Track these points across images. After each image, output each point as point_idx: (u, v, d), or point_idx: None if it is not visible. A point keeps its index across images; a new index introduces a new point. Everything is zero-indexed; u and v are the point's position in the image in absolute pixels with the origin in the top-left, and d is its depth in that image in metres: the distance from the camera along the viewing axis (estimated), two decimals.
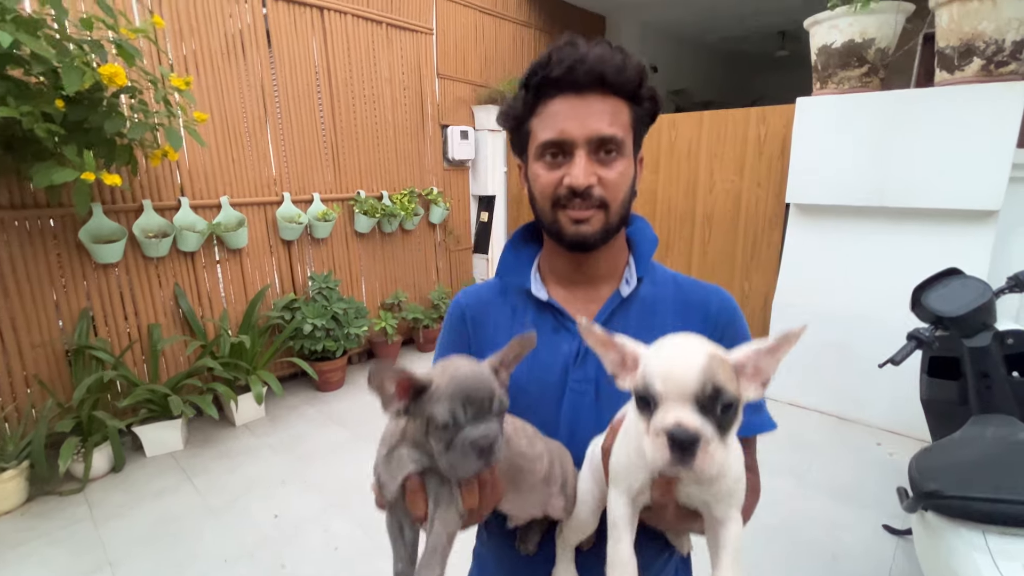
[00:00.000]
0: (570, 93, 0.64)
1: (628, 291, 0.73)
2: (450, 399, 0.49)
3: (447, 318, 0.83)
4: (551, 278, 0.77)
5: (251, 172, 3.10)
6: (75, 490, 2.36)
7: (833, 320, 2.82)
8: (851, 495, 2.27)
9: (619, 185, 0.67)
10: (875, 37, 2.49)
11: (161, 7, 2.64)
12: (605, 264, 0.74)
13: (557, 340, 0.73)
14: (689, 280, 0.78)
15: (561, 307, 0.73)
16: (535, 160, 0.68)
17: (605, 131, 0.64)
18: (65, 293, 2.52)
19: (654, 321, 0.73)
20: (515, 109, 0.69)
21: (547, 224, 0.70)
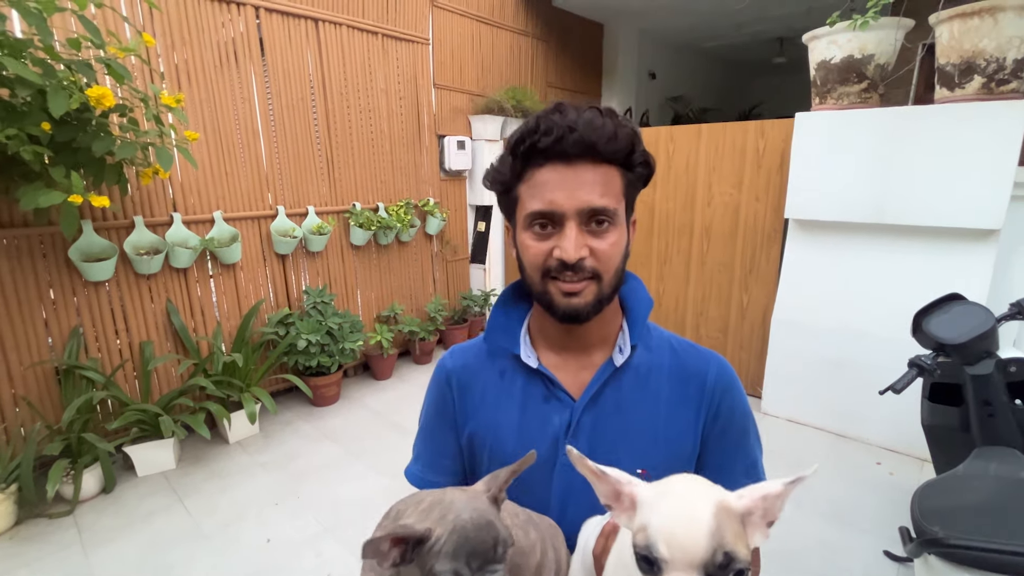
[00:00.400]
0: (558, 162, 0.62)
1: (621, 360, 0.70)
2: (453, 555, 0.46)
3: (432, 380, 0.80)
4: (542, 342, 0.75)
5: (245, 186, 3.07)
6: (64, 512, 2.33)
7: (832, 336, 2.80)
8: (850, 518, 2.25)
9: (612, 256, 0.64)
10: (874, 53, 2.46)
11: (152, 21, 2.61)
12: (598, 331, 0.72)
13: (547, 411, 0.70)
14: (685, 344, 0.76)
15: (552, 375, 0.70)
16: (524, 229, 0.66)
17: (596, 203, 0.61)
18: (55, 311, 2.49)
19: (648, 390, 0.70)
20: (502, 175, 0.67)
21: (537, 294, 0.68)
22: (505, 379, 0.74)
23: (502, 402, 0.72)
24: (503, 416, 0.72)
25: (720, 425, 0.71)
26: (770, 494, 0.47)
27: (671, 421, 0.69)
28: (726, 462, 0.72)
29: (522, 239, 0.66)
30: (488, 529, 0.48)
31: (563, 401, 0.70)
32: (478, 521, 0.48)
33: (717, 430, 0.71)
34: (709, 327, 3.47)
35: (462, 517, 0.48)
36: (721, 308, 3.40)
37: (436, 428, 0.79)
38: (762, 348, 3.18)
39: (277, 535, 2.21)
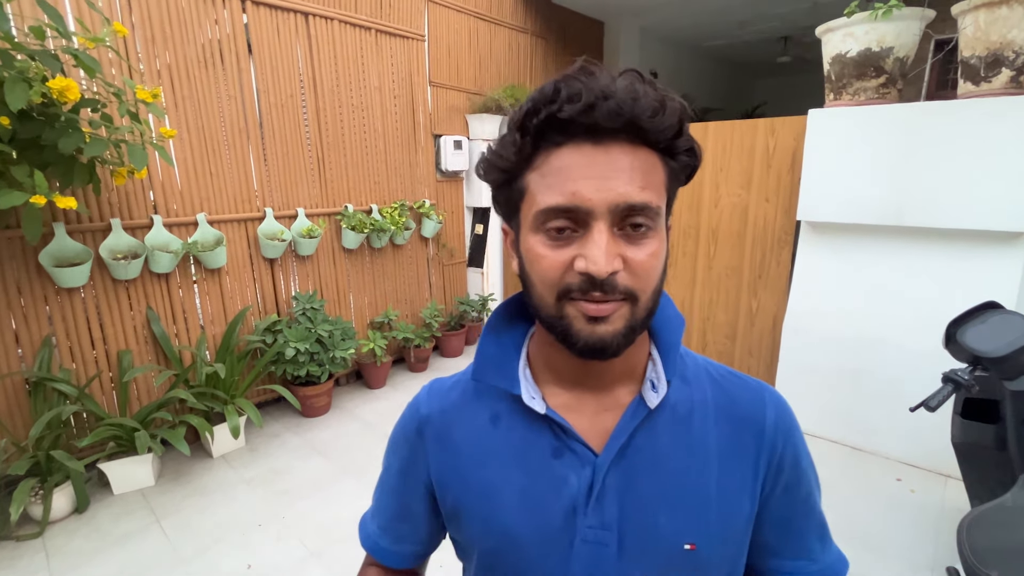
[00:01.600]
0: (585, 141, 0.45)
1: (656, 400, 0.53)
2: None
3: (399, 427, 0.64)
4: (548, 377, 0.57)
5: (231, 187, 2.92)
6: (34, 535, 2.18)
7: (848, 345, 2.66)
8: (870, 540, 2.10)
9: (651, 270, 0.47)
10: (894, 46, 2.33)
11: (132, 15, 2.47)
12: (622, 362, 0.54)
13: (560, 468, 0.53)
14: (727, 373, 0.60)
15: (565, 422, 0.53)
16: (532, 231, 0.48)
17: (635, 198, 0.45)
18: (25, 320, 2.34)
19: (692, 437, 0.54)
20: (504, 158, 0.49)
21: (549, 320, 0.50)
22: (500, 427, 0.57)
23: (498, 458, 0.56)
24: (499, 477, 0.55)
25: (786, 478, 0.56)
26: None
27: (725, 477, 0.54)
28: (794, 524, 0.57)
29: (530, 246, 0.49)
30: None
31: (580, 455, 0.53)
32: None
33: (782, 484, 0.56)
34: (716, 333, 3.33)
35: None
36: (729, 314, 3.26)
37: (396, 488, 0.64)
38: (772, 356, 3.04)
39: (259, 560, 2.06)
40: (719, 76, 7.53)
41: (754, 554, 0.59)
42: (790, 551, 0.58)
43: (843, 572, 0.59)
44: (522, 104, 0.47)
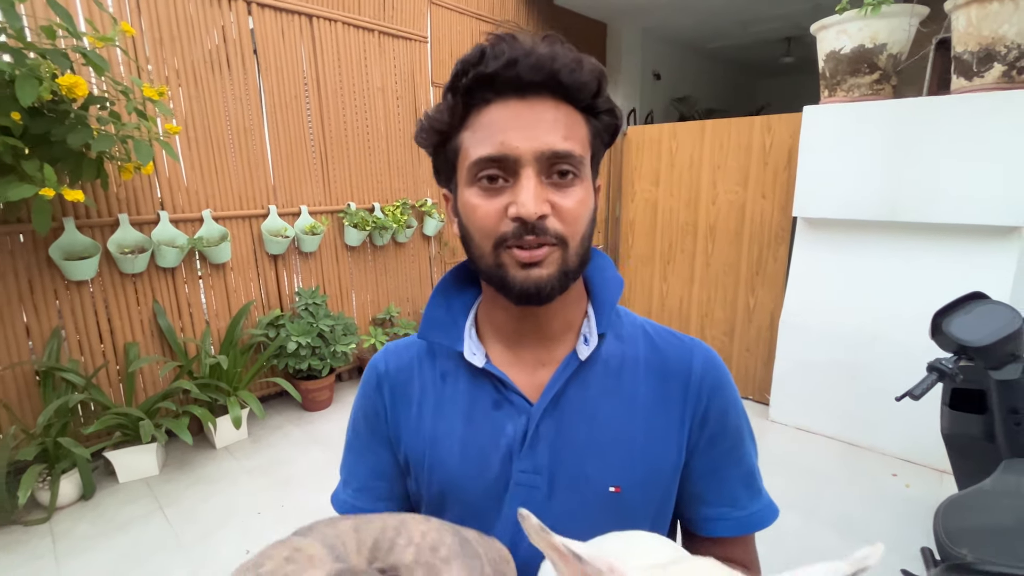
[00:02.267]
0: (511, 96, 0.49)
1: (587, 352, 0.57)
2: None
3: (361, 386, 0.68)
4: (491, 335, 0.61)
5: (236, 184, 2.99)
6: (41, 520, 2.24)
7: (843, 340, 2.67)
8: (865, 534, 2.11)
9: (579, 216, 0.51)
10: (887, 42, 2.35)
11: (140, 18, 2.55)
12: (558, 318, 0.59)
13: (499, 418, 0.58)
14: (664, 332, 0.63)
15: (503, 375, 0.58)
16: (467, 185, 0.52)
17: (559, 145, 0.49)
18: (35, 312, 2.41)
19: (621, 389, 0.58)
20: (438, 120, 0.53)
21: (487, 270, 0.53)
22: (448, 383, 0.61)
23: (444, 410, 0.60)
24: (444, 427, 0.59)
25: (710, 429, 0.59)
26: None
27: (651, 426, 0.58)
28: (719, 473, 0.60)
29: (466, 199, 0.53)
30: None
31: (517, 406, 0.57)
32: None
33: (707, 436, 0.59)
34: (714, 330, 3.35)
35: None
36: (727, 310, 3.28)
37: (367, 445, 0.66)
38: (769, 352, 3.05)
39: (258, 546, 2.09)
40: (722, 77, 7.53)
41: (684, 503, 0.62)
42: (715, 499, 0.60)
43: (768, 520, 0.61)
44: (454, 67, 0.51)
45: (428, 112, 0.55)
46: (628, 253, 3.71)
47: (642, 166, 3.53)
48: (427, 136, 0.56)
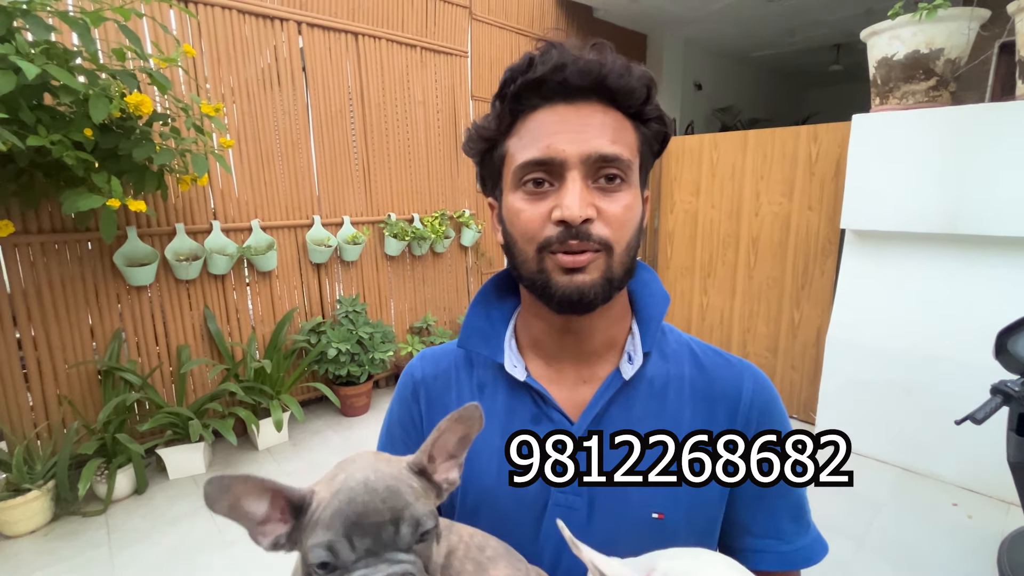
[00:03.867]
0: (559, 102, 0.50)
1: (631, 372, 0.56)
2: (329, 525, 0.34)
3: (397, 391, 0.68)
4: (531, 349, 0.60)
5: (282, 196, 3.12)
6: (98, 512, 2.37)
7: (897, 359, 2.53)
8: (923, 567, 1.97)
9: (625, 222, 0.50)
10: (944, 47, 2.24)
11: (201, 37, 2.71)
12: (601, 332, 0.57)
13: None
14: (711, 352, 0.61)
15: (544, 390, 0.56)
16: (512, 190, 0.53)
17: (607, 149, 0.48)
18: (99, 315, 2.57)
19: (665, 408, 0.56)
20: (485, 128, 0.54)
21: (529, 276, 0.53)
22: (486, 394, 0.60)
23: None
24: (481, 441, 0.57)
25: None
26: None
27: None
28: (766, 502, 0.57)
29: (510, 204, 0.52)
30: (386, 497, 0.35)
31: (557, 423, 0.56)
32: (373, 485, 0.35)
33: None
34: (757, 345, 3.24)
35: (354, 477, 0.35)
36: (770, 325, 3.17)
37: (400, 452, 0.67)
38: (815, 370, 2.92)
39: None
40: (767, 87, 7.35)
41: (729, 532, 0.59)
42: (761, 530, 0.58)
43: (816, 556, 0.57)
44: (502, 76, 0.52)
45: (476, 121, 0.56)
46: (667, 264, 3.65)
47: (682, 176, 3.47)
48: (474, 144, 0.57)
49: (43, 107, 1.88)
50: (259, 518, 0.37)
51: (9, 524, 2.20)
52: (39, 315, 2.40)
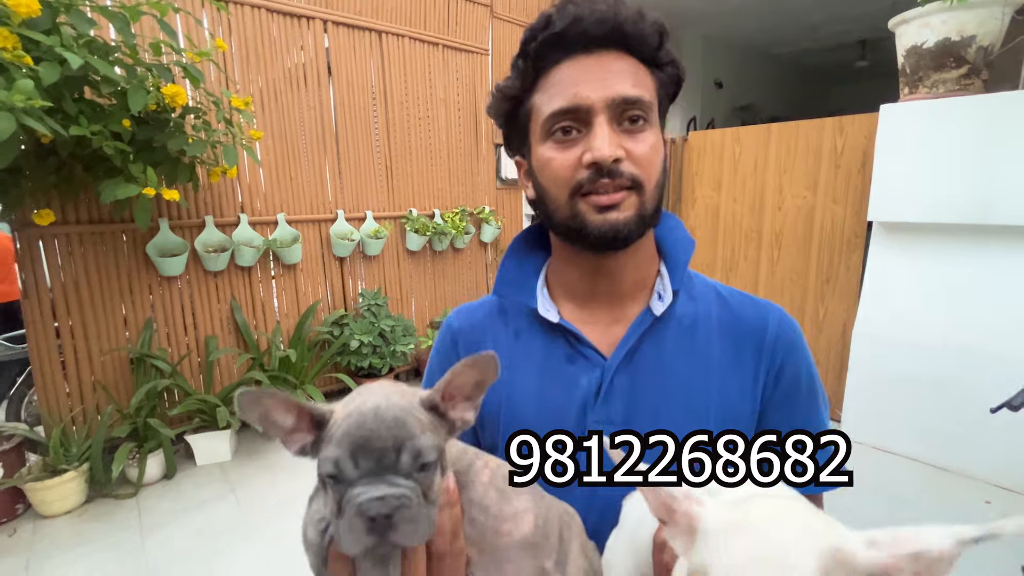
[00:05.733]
0: (579, 53, 0.52)
1: (661, 308, 0.58)
2: (338, 443, 0.36)
3: (436, 343, 0.70)
4: (563, 294, 0.63)
5: (307, 190, 3.18)
6: (129, 495, 2.43)
7: (928, 353, 2.47)
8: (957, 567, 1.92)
9: (652, 161, 0.53)
10: (976, 34, 2.20)
11: (231, 35, 2.79)
12: (630, 274, 0.60)
13: (574, 372, 0.59)
14: (736, 294, 0.63)
15: (577, 330, 0.59)
16: (541, 142, 0.55)
17: (629, 92, 0.51)
18: (132, 304, 2.65)
19: (695, 346, 0.58)
20: (510, 87, 0.57)
21: (563, 221, 0.56)
22: (521, 340, 0.62)
23: (518, 366, 0.61)
24: (519, 382, 0.60)
25: (784, 387, 0.58)
26: (928, 553, 0.28)
27: (724, 384, 0.57)
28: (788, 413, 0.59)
29: (540, 155, 0.55)
30: (392, 426, 0.37)
31: (591, 360, 0.58)
32: (383, 414, 0.37)
33: (780, 393, 0.58)
34: None
35: (367, 403, 0.38)
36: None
37: None
38: (841, 366, 2.87)
39: None
40: (789, 84, 7.26)
41: None
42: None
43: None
44: (523, 36, 0.54)
45: (498, 84, 0.59)
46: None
47: (703, 171, 3.45)
48: (498, 105, 0.59)
49: (83, 100, 1.96)
50: (287, 428, 0.40)
51: (45, 504, 2.28)
52: (76, 304, 2.48)
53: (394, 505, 0.35)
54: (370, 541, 0.35)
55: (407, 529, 0.36)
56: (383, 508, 0.35)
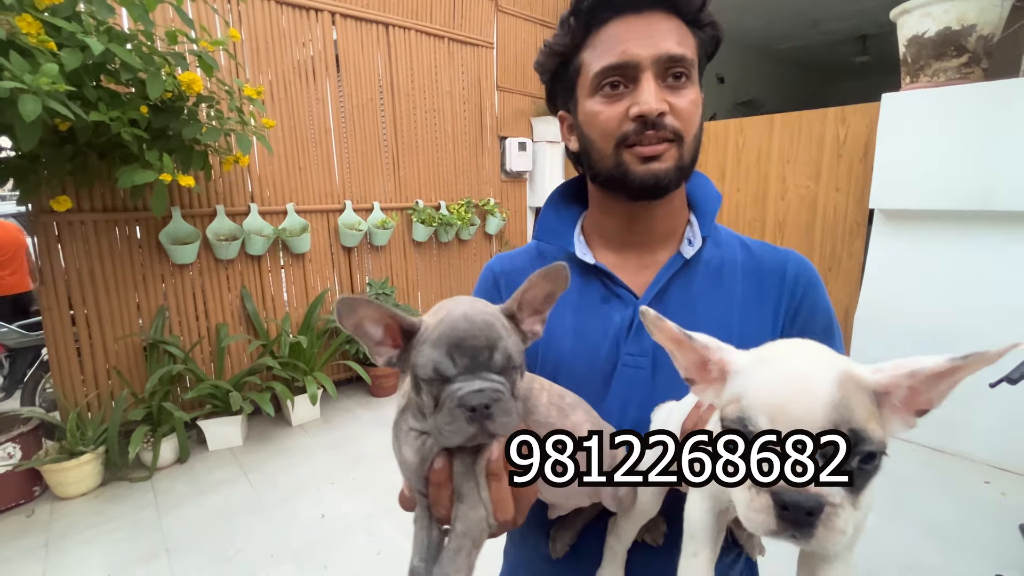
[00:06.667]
0: (628, 13, 0.56)
1: (691, 252, 0.63)
2: (435, 344, 0.40)
3: (478, 284, 0.74)
4: (598, 241, 0.68)
5: (316, 181, 3.22)
6: (144, 478, 2.48)
7: (929, 338, 2.51)
8: (954, 539, 1.97)
9: (692, 115, 0.57)
10: (976, 23, 2.24)
11: (241, 27, 2.83)
12: (663, 222, 0.65)
13: (607, 310, 0.64)
14: (758, 243, 0.68)
15: (611, 272, 0.64)
16: (589, 97, 0.59)
17: (675, 50, 0.55)
18: (145, 292, 2.69)
19: (720, 287, 0.63)
20: (559, 44, 0.61)
21: (607, 171, 0.60)
22: None
23: (557, 306, 0.65)
24: (556, 319, 0.65)
25: (802, 322, 0.62)
26: (923, 371, 0.34)
27: (746, 320, 0.61)
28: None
29: (589, 108, 0.59)
30: (483, 328, 0.40)
31: (624, 299, 0.63)
32: (473, 317, 0.41)
33: (798, 327, 0.62)
34: None
35: (456, 310, 0.41)
36: None
37: None
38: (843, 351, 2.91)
39: (332, 512, 2.23)
40: (791, 80, 7.30)
41: None
42: None
43: None
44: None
45: (547, 40, 0.63)
46: None
47: (707, 162, 3.49)
48: (547, 60, 0.64)
49: (101, 87, 2.00)
50: (376, 340, 0.43)
51: (63, 486, 2.32)
52: (91, 291, 2.52)
53: (492, 397, 0.39)
54: (470, 431, 0.39)
55: (503, 420, 0.40)
56: (483, 399, 0.38)
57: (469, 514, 0.42)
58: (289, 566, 1.92)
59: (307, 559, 1.95)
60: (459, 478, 0.43)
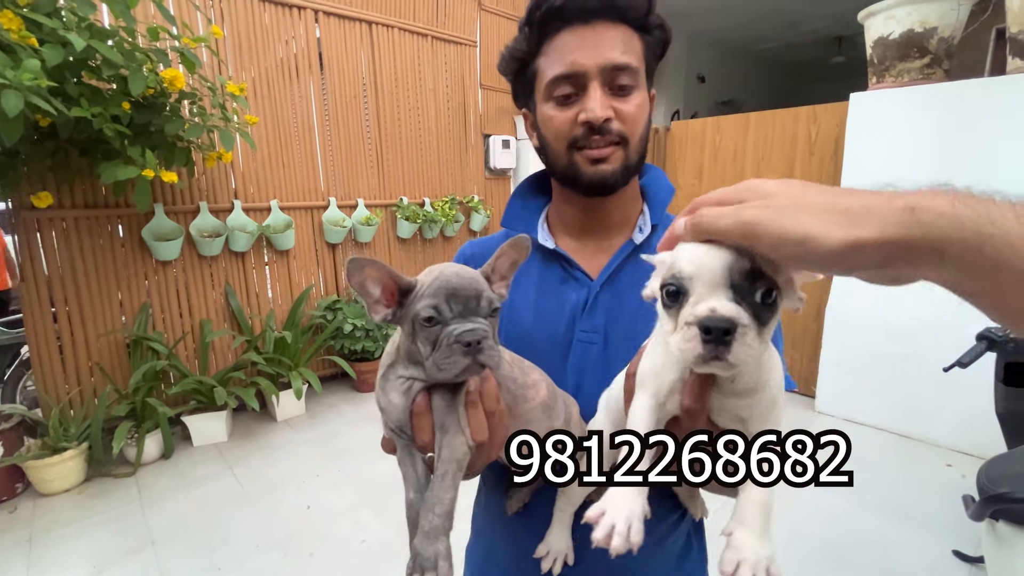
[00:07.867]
0: (577, 23, 0.61)
1: (641, 238, 0.68)
2: (433, 295, 0.47)
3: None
4: (560, 229, 0.74)
5: (300, 177, 3.24)
6: (128, 473, 2.48)
7: (896, 329, 2.62)
8: (916, 518, 2.07)
9: (637, 119, 0.63)
10: (937, 26, 2.34)
11: (224, 24, 2.84)
12: (617, 212, 0.71)
13: (564, 290, 0.69)
14: None
15: (568, 256, 0.70)
16: (544, 102, 0.65)
17: (619, 59, 0.60)
18: (128, 289, 2.69)
19: None
20: (518, 49, 0.66)
21: (561, 169, 0.66)
22: (523, 265, 0.73)
23: (520, 284, 0.71)
24: (519, 297, 0.71)
25: None
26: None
27: None
28: None
29: (543, 112, 0.65)
30: (471, 281, 0.49)
31: (580, 281, 0.69)
32: (462, 274, 0.49)
33: None
34: None
35: (448, 269, 0.49)
36: None
37: None
38: (815, 346, 3.01)
39: (317, 503, 2.27)
40: (770, 80, 7.44)
41: None
42: None
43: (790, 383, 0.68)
44: (528, 5, 0.64)
45: (509, 44, 0.68)
46: None
47: (685, 160, 3.57)
48: (508, 63, 0.69)
49: (83, 83, 2.01)
50: (374, 298, 0.49)
51: (45, 482, 2.32)
52: (73, 287, 2.52)
53: (482, 334, 0.46)
54: (466, 362, 0.46)
55: (491, 354, 0.47)
56: (476, 336, 0.46)
57: (452, 441, 0.49)
58: (275, 554, 1.95)
59: (292, 547, 1.99)
60: (440, 412, 0.50)
